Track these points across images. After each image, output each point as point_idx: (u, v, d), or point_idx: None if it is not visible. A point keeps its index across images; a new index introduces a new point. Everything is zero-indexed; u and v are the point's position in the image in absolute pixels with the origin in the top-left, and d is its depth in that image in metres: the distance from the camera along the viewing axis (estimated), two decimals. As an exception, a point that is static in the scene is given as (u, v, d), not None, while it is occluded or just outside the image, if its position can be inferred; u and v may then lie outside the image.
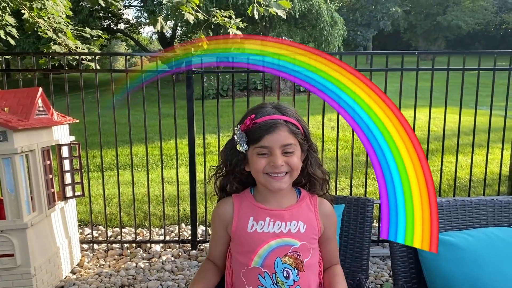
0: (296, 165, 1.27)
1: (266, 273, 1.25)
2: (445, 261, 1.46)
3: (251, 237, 1.27)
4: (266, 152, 1.25)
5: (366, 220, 1.57)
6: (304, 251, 1.27)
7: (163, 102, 3.44)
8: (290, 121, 1.27)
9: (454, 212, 1.59)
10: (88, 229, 3.88)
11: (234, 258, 1.33)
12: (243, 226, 1.29)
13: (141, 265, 3.17)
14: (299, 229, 1.27)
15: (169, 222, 4.09)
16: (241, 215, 1.30)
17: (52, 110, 2.97)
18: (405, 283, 1.56)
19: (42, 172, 2.71)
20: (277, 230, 1.27)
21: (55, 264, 2.86)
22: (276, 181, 1.25)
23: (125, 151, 6.66)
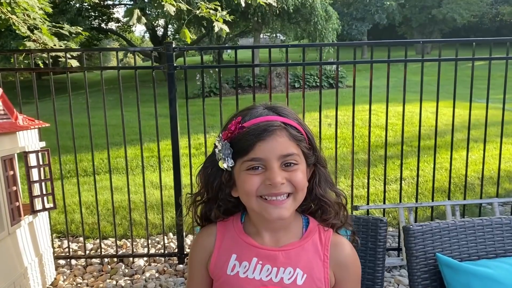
0: (302, 183, 0.93)
1: None
2: (483, 301, 1.16)
3: (231, 283, 0.95)
4: (259, 166, 0.92)
5: (378, 246, 1.26)
6: None
7: (149, 102, 3.15)
8: (290, 123, 0.94)
9: (489, 234, 1.28)
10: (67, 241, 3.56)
11: None
12: (222, 266, 0.97)
13: (122, 283, 2.85)
14: (295, 279, 0.93)
15: (155, 232, 3.78)
16: (222, 250, 0.98)
17: (16, 114, 2.64)
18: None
19: (3, 184, 2.39)
20: (265, 277, 0.93)
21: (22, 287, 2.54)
22: (274, 207, 0.91)
23: (113, 154, 6.32)
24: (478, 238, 1.28)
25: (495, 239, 1.29)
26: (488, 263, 1.23)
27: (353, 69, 3.12)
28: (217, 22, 3.52)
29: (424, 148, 5.90)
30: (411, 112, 7.29)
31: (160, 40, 21.48)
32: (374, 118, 7.52)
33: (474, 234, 1.28)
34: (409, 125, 7.05)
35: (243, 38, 26.10)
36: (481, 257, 1.28)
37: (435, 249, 1.26)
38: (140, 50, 4.01)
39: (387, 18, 24.70)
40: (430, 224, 1.26)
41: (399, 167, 3.31)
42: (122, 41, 26.37)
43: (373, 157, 5.82)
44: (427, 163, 5.40)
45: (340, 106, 3.17)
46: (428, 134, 6.45)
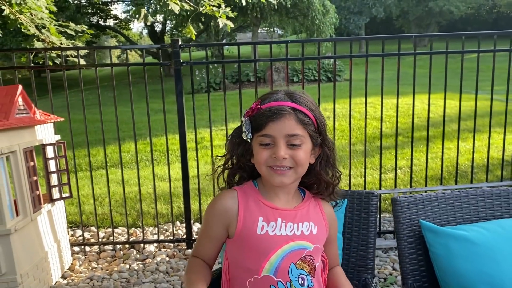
0: (302, 160, 1.11)
1: (280, 283, 1.10)
2: (459, 258, 1.34)
3: (262, 241, 1.11)
4: (269, 142, 1.11)
5: (370, 215, 1.45)
6: (316, 254, 1.14)
7: (153, 98, 3.31)
8: (299, 109, 1.12)
9: (466, 204, 1.47)
10: (80, 230, 3.75)
11: (236, 265, 1.16)
12: (251, 227, 1.12)
13: (135, 267, 3.05)
14: (311, 230, 1.14)
15: (163, 220, 3.97)
16: (248, 213, 1.14)
17: (34, 109, 2.82)
18: (414, 282, 1.44)
19: (25, 174, 2.57)
20: (289, 232, 1.13)
21: (43, 270, 2.73)
22: (278, 175, 1.11)
23: (117, 149, 6.50)
24: (456, 207, 1.47)
25: (471, 208, 1.48)
26: (465, 227, 1.41)
27: (349, 63, 3.30)
28: (221, 19, 3.68)
29: (420, 138, 6.09)
30: (408, 104, 7.45)
31: (158, 37, 21.58)
32: (372, 110, 7.72)
33: (453, 204, 1.47)
34: (405, 116, 7.25)
35: (241, 33, 26.20)
36: (458, 223, 1.47)
37: (419, 217, 1.45)
38: (147, 48, 4.22)
39: (384, 11, 24.80)
40: (415, 196, 1.45)
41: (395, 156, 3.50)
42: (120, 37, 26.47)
43: (371, 148, 6.01)
44: (422, 153, 5.58)
45: (338, 99, 3.34)
46: (424, 125, 6.62)
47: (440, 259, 1.37)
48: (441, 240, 1.37)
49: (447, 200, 1.47)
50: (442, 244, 1.37)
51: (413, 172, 4.82)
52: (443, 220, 1.46)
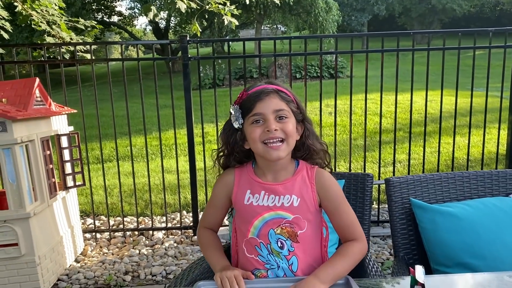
0: (291, 131, 1.27)
1: (261, 244, 1.29)
2: (444, 231, 1.49)
3: (247, 209, 1.31)
4: (260, 119, 1.26)
5: (366, 195, 1.59)
6: (298, 223, 1.29)
7: (159, 93, 3.45)
8: (280, 89, 1.30)
9: (452, 184, 1.62)
10: (90, 219, 3.90)
11: (237, 228, 1.38)
12: (241, 198, 1.33)
13: (144, 252, 3.20)
14: (292, 203, 1.28)
15: (170, 210, 4.12)
16: (240, 187, 1.34)
17: (50, 101, 2.97)
18: (405, 254, 1.59)
19: (42, 162, 2.72)
20: (271, 203, 1.29)
21: (59, 253, 2.88)
22: (273, 150, 1.25)
23: (123, 142, 6.65)
24: (444, 187, 1.61)
25: (457, 188, 1.62)
26: (450, 204, 1.56)
27: (350, 59, 3.43)
28: (226, 16, 3.81)
29: (420, 133, 6.21)
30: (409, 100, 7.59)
31: (162, 33, 21.71)
32: (373, 106, 7.83)
33: (441, 184, 1.61)
34: (406, 112, 7.36)
35: (244, 30, 26.28)
36: (445, 202, 1.61)
37: (410, 196, 1.59)
38: (157, 43, 4.43)
39: (387, 9, 24.85)
40: (406, 177, 1.59)
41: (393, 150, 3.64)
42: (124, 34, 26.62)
43: (371, 143, 6.14)
44: (421, 147, 5.71)
45: (340, 95, 3.47)
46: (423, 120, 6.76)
47: (427, 232, 1.52)
48: (429, 216, 1.52)
49: (435, 181, 1.61)
50: (429, 219, 1.51)
51: (411, 165, 4.96)
52: (432, 199, 1.60)
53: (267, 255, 1.29)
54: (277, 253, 1.28)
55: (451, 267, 1.47)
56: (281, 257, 1.28)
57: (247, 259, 1.32)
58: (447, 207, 1.53)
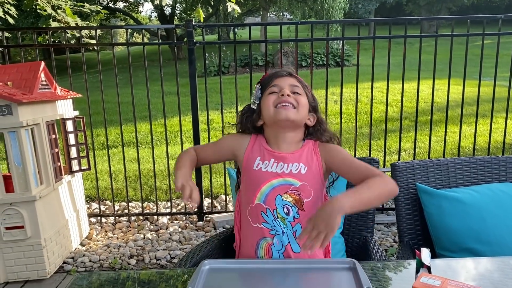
0: (304, 103, 1.34)
1: (268, 210, 1.30)
2: (450, 216, 1.48)
3: (256, 175, 1.34)
4: (276, 91, 1.35)
5: (371, 180, 1.58)
6: (305, 191, 1.30)
7: (164, 80, 3.44)
8: (299, 79, 1.42)
9: (459, 170, 1.60)
10: (95, 204, 3.93)
11: (243, 197, 1.39)
12: (251, 164, 1.36)
13: (149, 236, 3.22)
14: (300, 170, 1.32)
15: (175, 195, 4.13)
16: (252, 153, 1.38)
17: (55, 85, 2.97)
18: (410, 240, 1.58)
19: (48, 146, 2.73)
20: (279, 170, 1.32)
21: (64, 236, 2.91)
22: (283, 109, 1.31)
23: (128, 129, 6.66)
24: (450, 173, 1.60)
25: (464, 174, 1.60)
26: (456, 190, 1.55)
27: (357, 46, 3.40)
28: (230, 3, 3.78)
29: (426, 122, 6.18)
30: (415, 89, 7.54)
31: (168, 20, 21.60)
32: (380, 95, 7.78)
33: (447, 170, 1.60)
34: (412, 101, 7.30)
35: (250, 17, 26.09)
36: (452, 187, 1.60)
37: (416, 181, 1.58)
38: (162, 27, 4.41)
39: (395, -4, 24.56)
40: (412, 162, 1.58)
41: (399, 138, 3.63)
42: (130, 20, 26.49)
43: (377, 131, 6.12)
44: (427, 136, 5.68)
45: (346, 83, 3.44)
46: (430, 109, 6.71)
47: (433, 217, 1.51)
48: (435, 201, 1.51)
49: (442, 166, 1.60)
50: (435, 204, 1.50)
51: (417, 154, 4.94)
52: (438, 184, 1.59)
53: (273, 221, 1.30)
54: (283, 218, 1.30)
55: (456, 252, 1.46)
56: (286, 223, 1.30)
57: (253, 230, 1.33)
58: (453, 193, 1.52)
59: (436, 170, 1.60)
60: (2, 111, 2.46)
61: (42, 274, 2.63)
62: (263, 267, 1.19)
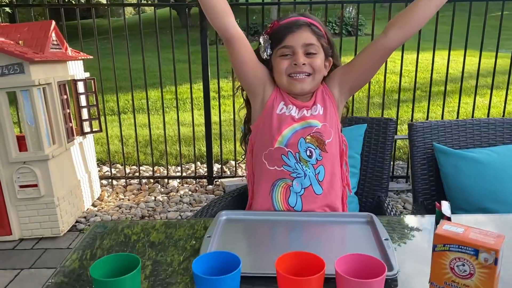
0: (319, 66, 1.27)
1: (289, 153, 1.27)
2: (467, 176, 1.47)
3: (278, 118, 1.29)
4: (288, 53, 1.26)
5: (387, 140, 1.57)
6: (326, 132, 1.29)
7: (168, 48, 3.42)
8: (313, 23, 1.28)
9: (477, 131, 1.58)
10: (105, 167, 3.96)
11: (256, 143, 1.34)
12: (274, 107, 1.31)
13: (160, 199, 3.26)
14: (319, 112, 1.29)
15: (185, 160, 4.15)
16: (276, 98, 1.32)
17: (66, 45, 2.95)
18: (424, 200, 1.58)
19: (59, 106, 2.73)
20: (301, 115, 1.30)
21: (77, 196, 2.95)
22: (298, 82, 1.26)
23: (137, 95, 6.64)
24: (468, 134, 1.58)
25: (482, 135, 1.58)
26: (474, 150, 1.53)
27: (373, 11, 3.31)
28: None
29: (439, 93, 6.10)
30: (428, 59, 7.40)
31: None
32: (391, 64, 7.66)
33: (465, 131, 1.58)
34: (424, 72, 7.19)
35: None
36: (469, 148, 1.58)
37: (433, 141, 1.57)
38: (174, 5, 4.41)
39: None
40: (430, 122, 1.56)
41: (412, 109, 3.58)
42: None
43: (388, 101, 6.05)
44: (439, 107, 5.61)
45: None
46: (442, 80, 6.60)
47: (449, 177, 1.50)
48: (452, 161, 1.49)
49: (459, 127, 1.58)
50: (452, 164, 1.49)
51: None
52: (455, 145, 1.57)
53: (295, 164, 1.28)
54: (305, 161, 1.28)
55: (471, 212, 1.46)
56: (309, 165, 1.28)
57: (269, 172, 1.30)
58: (471, 153, 1.50)
59: (453, 130, 1.58)
60: (14, 69, 2.46)
61: (56, 232, 2.68)
62: (280, 218, 1.20)
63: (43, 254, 2.54)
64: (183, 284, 0.91)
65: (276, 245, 1.07)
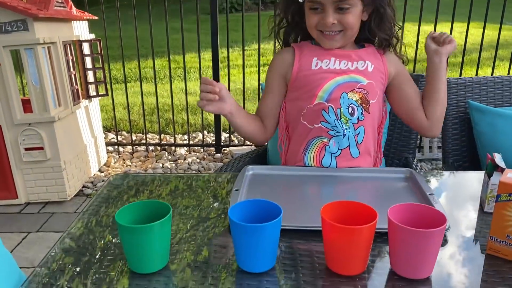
0: (351, 24, 1.13)
1: (330, 108, 1.16)
2: (504, 134, 1.38)
3: (316, 74, 1.17)
4: (318, 7, 1.13)
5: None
6: (371, 90, 1.17)
7: (174, 17, 3.30)
8: None
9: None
10: (111, 134, 3.88)
11: (292, 107, 1.23)
12: (307, 66, 1.19)
13: (168, 166, 3.19)
14: (367, 67, 1.17)
15: (192, 129, 4.07)
16: (303, 57, 1.20)
17: (71, 4, 2.82)
18: (455, 161, 1.50)
19: (65, 67, 2.63)
20: (343, 67, 1.17)
21: (83, 161, 2.87)
22: (327, 39, 1.16)
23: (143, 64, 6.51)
24: (504, 92, 1.49)
25: (518, 93, 1.50)
26: (511, 107, 1.45)
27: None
28: None
29: (450, 64, 5.97)
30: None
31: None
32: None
33: (502, 88, 1.49)
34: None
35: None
36: (505, 106, 1.49)
37: (467, 98, 1.48)
38: None
39: None
40: (464, 78, 1.47)
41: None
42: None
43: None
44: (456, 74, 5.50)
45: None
46: (455, 52, 6.47)
47: (484, 136, 1.42)
48: (488, 118, 1.41)
49: (496, 84, 1.48)
50: (488, 122, 1.40)
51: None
52: (490, 103, 1.49)
53: (335, 121, 1.16)
54: (346, 119, 1.17)
55: (506, 173, 1.38)
56: (349, 124, 1.17)
57: (306, 130, 1.19)
58: (509, 110, 1.41)
59: (489, 88, 1.49)
60: (17, 26, 2.34)
61: (63, 196, 2.62)
62: (312, 173, 1.12)
63: (50, 218, 2.48)
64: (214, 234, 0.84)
65: (311, 199, 0.99)
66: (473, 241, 0.82)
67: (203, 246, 0.81)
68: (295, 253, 0.78)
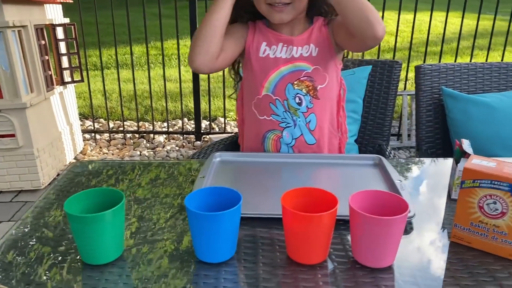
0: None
1: (277, 100, 1.17)
2: (477, 121, 1.38)
3: (263, 62, 1.18)
4: None
5: (392, 84, 1.46)
6: (318, 76, 1.16)
7: (152, 2, 3.23)
8: None
9: (488, 76, 1.48)
10: (88, 121, 3.80)
11: (245, 91, 1.24)
12: (256, 50, 1.19)
13: (146, 153, 3.14)
14: (310, 52, 1.15)
15: (171, 117, 4.01)
16: (255, 37, 1.19)
17: (43, -15, 2.72)
18: (428, 148, 1.50)
19: (37, 52, 2.55)
20: (288, 55, 1.16)
21: (58, 149, 2.81)
22: (276, 12, 1.11)
23: (121, 50, 6.38)
24: (478, 78, 1.48)
25: (492, 80, 1.49)
26: (484, 94, 1.44)
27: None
28: None
29: (430, 53, 5.99)
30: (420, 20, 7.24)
31: None
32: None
33: (475, 75, 1.48)
34: (416, 32, 7.06)
35: None
36: (478, 93, 1.49)
37: (441, 85, 1.47)
38: None
39: None
40: (439, 65, 1.46)
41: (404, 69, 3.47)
42: None
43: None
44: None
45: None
46: (435, 41, 6.49)
47: (457, 123, 1.41)
48: (461, 105, 1.40)
49: (470, 71, 1.48)
50: (461, 109, 1.40)
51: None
52: (464, 90, 1.48)
53: (283, 113, 1.18)
54: (295, 110, 1.17)
55: (478, 160, 1.38)
56: (299, 114, 1.18)
57: (259, 122, 1.21)
58: (482, 97, 1.41)
59: (463, 74, 1.48)
60: (-15, 8, 2.25)
61: (36, 184, 2.56)
62: (279, 160, 1.10)
63: (23, 207, 2.43)
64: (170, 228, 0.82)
65: (276, 186, 0.97)
66: (441, 228, 0.81)
67: (161, 234, 0.78)
68: (256, 242, 0.76)
